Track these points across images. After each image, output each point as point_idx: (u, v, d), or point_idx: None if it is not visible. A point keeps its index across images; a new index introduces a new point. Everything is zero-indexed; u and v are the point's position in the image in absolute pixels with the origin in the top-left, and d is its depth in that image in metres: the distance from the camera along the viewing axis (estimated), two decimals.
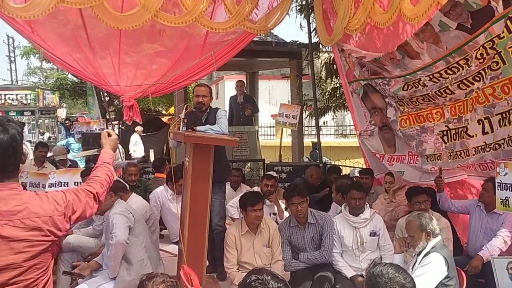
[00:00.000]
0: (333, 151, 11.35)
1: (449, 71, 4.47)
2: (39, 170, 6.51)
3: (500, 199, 3.78)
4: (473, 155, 4.72)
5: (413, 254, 3.80)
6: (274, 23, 6.69)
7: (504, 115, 4.20)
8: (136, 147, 11.62)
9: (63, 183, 5.64)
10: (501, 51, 3.90)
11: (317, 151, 9.94)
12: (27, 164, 6.62)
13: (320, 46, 8.45)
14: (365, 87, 6.04)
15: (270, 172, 6.53)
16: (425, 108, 5.19)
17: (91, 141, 8.64)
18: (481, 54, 4.10)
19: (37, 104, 13.59)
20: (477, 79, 4.31)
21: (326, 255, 4.34)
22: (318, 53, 8.89)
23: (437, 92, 4.76)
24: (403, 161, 6.05)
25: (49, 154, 9.01)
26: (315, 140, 11.24)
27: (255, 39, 7.78)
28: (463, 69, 4.33)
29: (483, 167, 4.75)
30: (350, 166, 9.13)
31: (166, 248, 5.49)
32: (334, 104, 9.73)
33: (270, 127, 16.72)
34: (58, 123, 17.15)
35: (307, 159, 10.27)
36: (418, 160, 5.73)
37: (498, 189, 3.78)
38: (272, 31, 7.73)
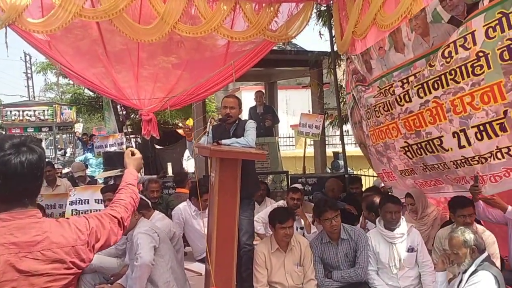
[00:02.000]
0: (354, 160, 11.05)
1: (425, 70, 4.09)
2: (54, 190, 6.36)
3: None
4: (455, 168, 4.20)
5: (458, 272, 3.54)
6: (295, 31, 6.55)
7: (481, 127, 3.65)
8: (189, 162, 11.22)
9: (83, 201, 5.54)
10: (488, 53, 3.39)
11: (339, 161, 9.70)
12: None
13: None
14: (354, 98, 5.74)
15: (296, 185, 6.31)
16: (383, 122, 4.84)
17: (114, 160, 8.15)
18: (449, 53, 3.67)
19: (55, 119, 13.54)
20: (436, 86, 3.89)
21: (362, 273, 4.10)
22: (339, 61, 8.67)
23: (397, 98, 4.42)
24: (383, 180, 5.76)
25: (67, 170, 8.92)
26: (336, 150, 11.02)
27: (274, 48, 7.63)
28: (428, 68, 3.93)
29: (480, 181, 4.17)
30: (374, 176, 8.85)
31: (191, 267, 5.28)
32: None
33: (289, 137, 16.49)
34: (76, 138, 17.12)
35: (329, 169, 10.01)
36: (395, 177, 5.34)
37: None
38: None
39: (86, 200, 5.49)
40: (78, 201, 5.49)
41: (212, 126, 4.26)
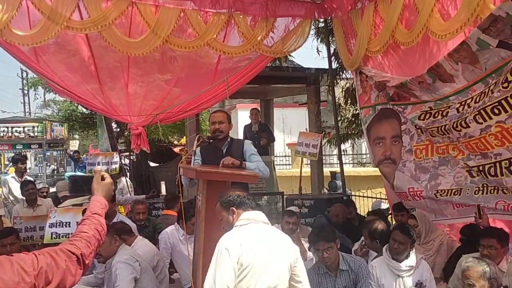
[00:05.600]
0: (352, 180, 10.76)
1: (483, 95, 3.90)
2: (35, 211, 5.99)
3: None
4: None
5: None
6: (291, 46, 6.33)
7: None
8: None
9: (64, 223, 5.15)
10: None
11: (336, 181, 9.37)
12: (20, 208, 6.16)
13: (340, 71, 8.02)
14: (380, 112, 5.50)
15: (291, 208, 5.95)
16: (440, 142, 4.63)
17: (80, 185, 7.09)
18: (506, 78, 3.52)
19: (45, 136, 13.21)
20: (496, 111, 3.72)
21: None
22: (337, 79, 8.43)
23: (454, 125, 4.21)
24: (407, 199, 5.43)
25: (52, 190, 8.53)
26: (333, 169, 10.70)
27: (270, 64, 7.40)
28: (488, 95, 3.77)
29: None
30: (373, 197, 8.55)
31: None
32: (354, 132, 9.23)
33: (285, 156, 16.20)
34: (67, 155, 16.74)
35: (326, 190, 9.68)
36: (424, 197, 5.10)
37: None
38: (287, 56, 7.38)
39: (67, 223, 5.10)
40: (58, 224, 5.09)
41: (200, 148, 3.92)
